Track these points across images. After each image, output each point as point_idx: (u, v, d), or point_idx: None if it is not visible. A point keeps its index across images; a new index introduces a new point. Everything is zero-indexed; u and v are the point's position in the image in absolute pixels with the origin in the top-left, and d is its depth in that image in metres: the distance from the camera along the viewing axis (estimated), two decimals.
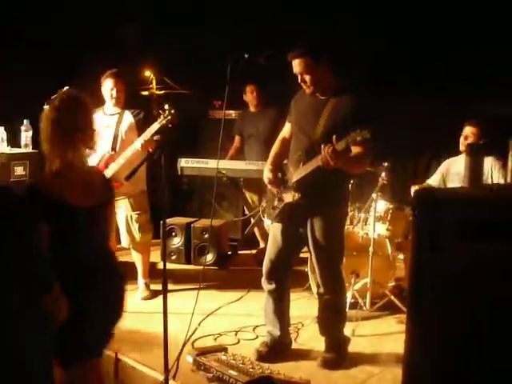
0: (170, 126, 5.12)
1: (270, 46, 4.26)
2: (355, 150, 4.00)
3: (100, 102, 5.87)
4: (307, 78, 4.10)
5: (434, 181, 5.58)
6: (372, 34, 7.78)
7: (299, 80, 4.15)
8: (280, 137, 4.57)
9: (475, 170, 2.59)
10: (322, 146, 3.87)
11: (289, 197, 4.18)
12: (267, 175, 4.37)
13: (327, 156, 3.83)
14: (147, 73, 8.24)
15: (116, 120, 5.72)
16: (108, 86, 5.71)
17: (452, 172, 5.51)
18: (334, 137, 3.85)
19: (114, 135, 5.67)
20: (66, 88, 5.29)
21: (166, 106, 5.18)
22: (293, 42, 4.15)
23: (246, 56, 4.16)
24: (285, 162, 4.46)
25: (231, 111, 8.12)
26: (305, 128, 4.25)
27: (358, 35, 7.66)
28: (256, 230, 7.17)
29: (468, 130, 5.33)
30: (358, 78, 7.34)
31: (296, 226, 4.29)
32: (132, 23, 7.88)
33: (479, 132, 5.26)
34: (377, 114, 4.27)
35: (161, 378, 3.83)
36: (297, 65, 4.10)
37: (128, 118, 5.73)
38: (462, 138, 5.37)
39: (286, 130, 4.51)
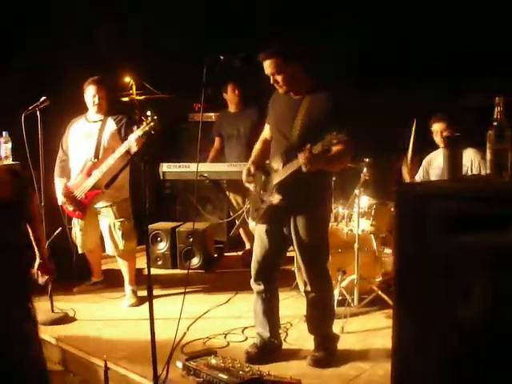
0: (152, 132, 5.11)
1: (246, 47, 4.24)
2: (335, 147, 4.00)
3: (81, 109, 5.87)
4: (279, 78, 4.10)
5: (418, 176, 5.60)
6: (355, 31, 7.80)
7: (271, 81, 4.15)
8: (261, 138, 4.58)
9: (454, 162, 2.60)
10: (300, 153, 3.88)
11: (271, 199, 4.18)
12: (245, 174, 4.37)
13: (305, 161, 3.84)
14: (127, 78, 8.22)
15: (99, 127, 5.71)
16: (90, 93, 5.70)
17: (433, 166, 5.54)
18: (308, 146, 3.85)
19: (96, 143, 5.66)
20: (42, 98, 5.31)
21: (149, 113, 5.17)
22: (266, 42, 4.14)
23: (222, 58, 4.15)
24: (267, 162, 4.45)
25: (211, 113, 8.12)
26: (282, 129, 4.25)
27: (342, 31, 7.67)
28: (241, 231, 7.16)
29: (436, 127, 5.37)
30: (337, 75, 7.39)
31: (280, 226, 4.29)
32: (109, 28, 7.85)
33: (447, 125, 5.29)
34: (355, 112, 4.27)
35: None
36: (268, 66, 4.09)
37: (110, 124, 5.72)
38: (434, 136, 5.41)
39: (266, 131, 4.52)
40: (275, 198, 4.14)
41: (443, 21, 7.47)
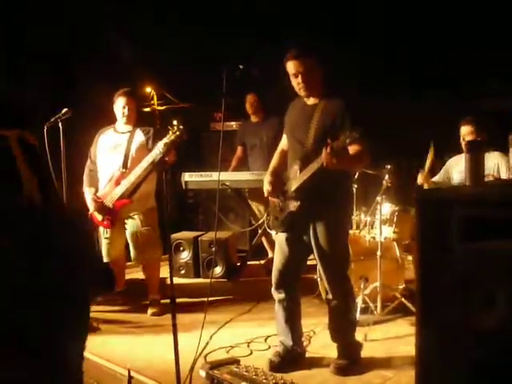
0: (178, 141, 5.14)
1: (264, 57, 4.25)
2: (353, 148, 4.01)
3: (103, 119, 5.92)
4: (306, 78, 4.10)
5: (439, 177, 5.57)
6: (371, 35, 7.79)
7: (297, 82, 4.14)
8: (278, 149, 4.59)
9: (476, 167, 2.59)
10: (324, 148, 3.88)
11: (290, 206, 4.18)
12: (266, 187, 4.37)
13: (327, 156, 3.82)
14: (148, 89, 8.27)
15: (127, 138, 5.77)
16: (120, 104, 5.77)
17: (456, 170, 5.50)
18: (329, 141, 3.85)
19: (125, 153, 5.71)
20: (64, 110, 5.36)
21: (175, 122, 5.19)
22: (286, 50, 4.15)
23: (241, 67, 4.16)
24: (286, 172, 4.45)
25: (232, 122, 8.16)
26: (298, 136, 4.26)
27: (357, 38, 7.67)
28: (264, 239, 7.17)
29: (464, 130, 5.33)
30: (357, 82, 7.39)
31: (300, 234, 4.28)
32: (129, 39, 7.91)
33: (475, 129, 5.25)
34: (369, 116, 4.27)
35: None
36: (296, 65, 4.09)
37: (139, 136, 5.77)
38: (461, 140, 5.37)
39: (283, 141, 4.53)
40: (293, 205, 4.14)
41: (470, 27, 7.44)
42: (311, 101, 4.23)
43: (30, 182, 1.72)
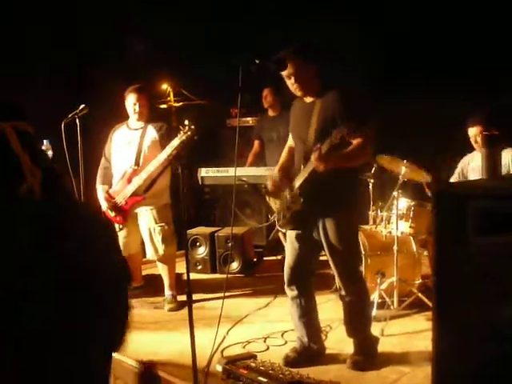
0: (189, 141, 5.16)
1: (280, 51, 4.24)
2: (355, 141, 4.02)
3: (120, 116, 5.94)
4: (297, 79, 4.11)
5: (454, 179, 5.55)
6: (387, 29, 7.77)
7: (289, 83, 4.17)
8: (286, 146, 4.61)
9: (493, 160, 2.57)
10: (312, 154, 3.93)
11: (296, 204, 4.18)
12: (269, 183, 4.40)
13: (316, 161, 3.89)
14: (164, 86, 8.29)
15: (140, 134, 5.79)
16: (131, 101, 5.79)
17: (470, 168, 5.48)
18: (318, 146, 3.92)
19: (137, 150, 5.74)
20: (81, 106, 5.38)
21: (186, 122, 5.21)
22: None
23: (257, 61, 4.15)
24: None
25: (248, 118, 8.16)
26: (300, 134, 4.28)
27: (372, 31, 7.65)
28: (280, 235, 7.14)
29: (473, 132, 5.31)
30: (373, 77, 7.36)
31: (309, 231, 4.27)
32: (145, 36, 7.93)
33: (483, 129, 5.22)
34: (369, 105, 4.27)
35: None
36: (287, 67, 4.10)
37: (151, 132, 5.79)
38: (472, 140, 5.35)
39: (290, 139, 4.54)
40: (297, 203, 4.14)
41: (488, 21, 7.39)
42: (309, 99, 4.24)
43: (32, 173, 1.72)
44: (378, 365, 4.29)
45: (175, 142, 5.30)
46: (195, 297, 5.42)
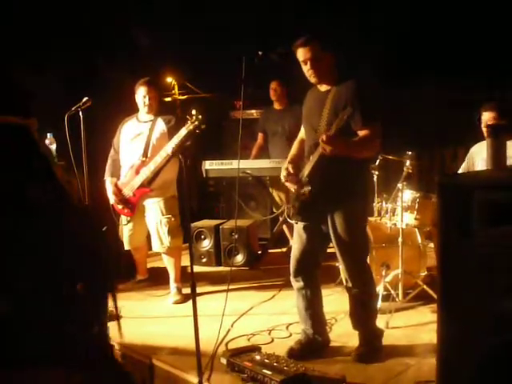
0: (197, 131, 5.15)
1: (284, 44, 4.23)
2: (361, 133, 4.01)
3: (124, 109, 5.94)
4: (314, 64, 4.08)
5: (463, 168, 5.53)
6: (395, 22, 7.75)
7: (306, 68, 4.13)
8: (298, 138, 4.58)
9: (498, 151, 2.55)
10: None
11: (303, 192, 4.16)
12: (283, 173, 4.35)
13: (323, 144, 3.86)
14: (169, 79, 8.28)
15: (149, 127, 5.79)
16: (141, 94, 5.80)
17: (479, 157, 5.45)
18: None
19: (146, 142, 5.75)
20: (85, 99, 5.38)
21: (194, 112, 5.20)
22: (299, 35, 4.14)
23: (260, 53, 4.14)
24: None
25: (252, 111, 8.14)
26: (312, 122, 4.25)
27: (380, 24, 7.63)
28: (285, 227, 7.16)
29: (486, 116, 5.27)
30: (380, 69, 7.35)
31: (318, 223, 4.26)
32: (150, 29, 7.92)
33: (497, 115, 5.19)
34: (381, 99, 4.25)
35: (195, 380, 3.82)
36: (304, 52, 4.08)
37: (160, 125, 5.79)
38: (482, 126, 5.32)
39: (302, 131, 4.51)
40: (305, 190, 4.12)
41: (486, 14, 7.37)
42: (324, 87, 4.21)
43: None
44: (382, 357, 4.27)
45: (182, 131, 5.29)
46: (200, 289, 5.45)
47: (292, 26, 7.58)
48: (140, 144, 5.77)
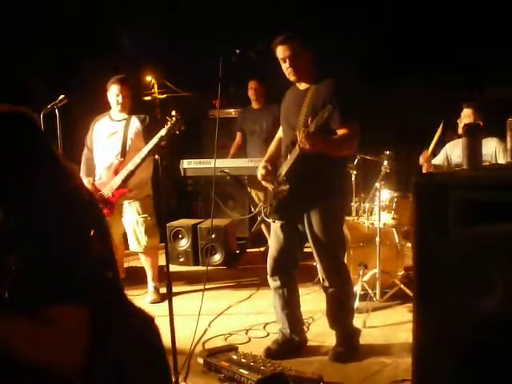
0: (176, 132, 5.11)
1: (262, 41, 4.22)
2: (340, 132, 4.01)
3: (102, 107, 5.88)
4: (294, 62, 4.08)
5: (439, 160, 5.57)
6: (370, 22, 7.77)
7: (286, 66, 4.12)
8: (276, 137, 4.57)
9: (473, 151, 2.56)
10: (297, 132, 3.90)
11: (280, 191, 4.15)
12: (260, 172, 4.34)
13: (301, 140, 3.83)
14: (148, 78, 8.25)
15: (123, 126, 5.73)
16: (113, 92, 5.72)
17: (455, 154, 5.50)
18: (309, 119, 3.87)
19: (122, 141, 5.68)
20: (61, 97, 5.33)
21: (173, 113, 5.17)
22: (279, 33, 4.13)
23: (238, 51, 4.13)
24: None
25: (231, 110, 8.13)
26: (290, 121, 4.24)
27: (354, 23, 7.65)
28: (263, 227, 7.13)
29: (463, 113, 5.36)
30: (357, 68, 7.36)
31: (294, 222, 4.25)
32: (130, 28, 7.88)
33: (474, 113, 5.27)
34: (360, 98, 4.26)
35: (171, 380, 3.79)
36: (284, 50, 4.08)
37: (135, 123, 5.74)
38: (459, 121, 5.39)
39: (280, 131, 4.51)
40: (283, 190, 4.11)
41: (466, 13, 7.42)
42: (303, 86, 4.21)
43: None
44: (359, 356, 4.28)
45: (162, 132, 5.25)
46: (177, 289, 5.43)
47: (270, 24, 7.59)
48: (116, 143, 5.71)
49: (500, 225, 2.06)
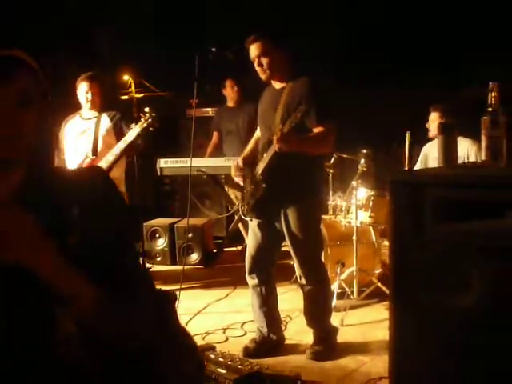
0: (150, 129, 5.08)
1: (239, 41, 4.21)
2: (316, 130, 4.02)
3: (77, 107, 5.83)
4: (264, 61, 4.08)
5: (418, 167, 5.59)
6: (347, 21, 7.79)
7: (256, 65, 4.13)
8: (254, 136, 4.57)
9: (449, 149, 2.57)
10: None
11: (258, 190, 4.15)
12: (233, 172, 4.36)
13: (276, 140, 3.85)
14: (125, 77, 8.20)
15: (94, 123, 5.67)
16: (83, 89, 5.65)
17: (431, 157, 5.52)
18: (280, 126, 3.91)
19: (93, 139, 5.61)
20: None
21: (147, 109, 5.14)
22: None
23: (214, 50, 4.12)
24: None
25: (208, 109, 8.11)
26: (266, 120, 4.25)
27: (333, 21, 7.67)
28: (240, 226, 7.13)
29: (430, 116, 5.44)
30: (334, 66, 7.37)
31: (272, 220, 4.25)
32: (106, 28, 7.84)
33: (441, 116, 5.33)
34: (335, 96, 4.27)
35: None
36: (255, 48, 4.09)
37: (105, 121, 5.68)
38: (427, 126, 5.46)
39: (258, 130, 4.50)
40: (260, 189, 4.12)
41: (444, 13, 7.46)
42: (278, 85, 4.21)
43: None
44: (337, 355, 4.29)
45: (136, 129, 5.21)
46: None
47: (248, 24, 7.58)
48: (87, 142, 5.62)
49: (476, 223, 2.07)
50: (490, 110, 2.41)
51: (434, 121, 5.38)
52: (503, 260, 2.01)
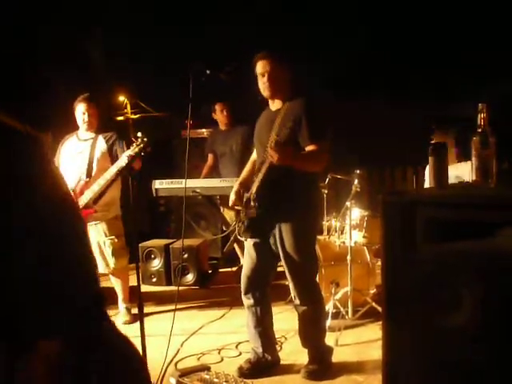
0: (142, 154, 5.10)
1: (231, 62, 4.26)
2: (309, 148, 4.05)
3: (72, 127, 5.85)
4: (271, 78, 4.13)
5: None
6: (346, 43, 7.84)
7: (262, 81, 4.17)
8: (251, 159, 4.59)
9: (440, 169, 2.60)
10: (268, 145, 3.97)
11: (251, 210, 4.17)
12: (231, 197, 4.38)
13: (272, 152, 3.89)
14: (121, 97, 8.24)
15: (90, 145, 5.70)
16: (80, 110, 5.70)
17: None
18: (276, 138, 3.97)
19: (88, 161, 5.64)
20: None
21: (139, 134, 5.17)
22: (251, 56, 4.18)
23: (208, 72, 4.15)
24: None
25: (203, 130, 8.14)
26: (262, 140, 4.27)
27: (332, 42, 7.72)
28: (236, 246, 7.14)
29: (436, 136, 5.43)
30: (329, 87, 7.41)
31: (267, 240, 4.27)
32: (101, 48, 7.87)
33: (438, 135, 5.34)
34: (331, 117, 4.30)
35: None
36: (263, 65, 4.14)
37: (101, 143, 5.71)
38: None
39: (254, 152, 4.53)
40: (254, 208, 4.14)
41: (433, 31, 7.51)
42: (276, 105, 4.25)
43: None
44: (332, 374, 4.29)
45: (128, 153, 5.23)
46: (150, 309, 5.40)
47: (241, 43, 7.64)
48: (82, 163, 5.66)
49: (467, 242, 2.10)
50: (479, 130, 2.45)
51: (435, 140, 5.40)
52: (493, 279, 2.03)
